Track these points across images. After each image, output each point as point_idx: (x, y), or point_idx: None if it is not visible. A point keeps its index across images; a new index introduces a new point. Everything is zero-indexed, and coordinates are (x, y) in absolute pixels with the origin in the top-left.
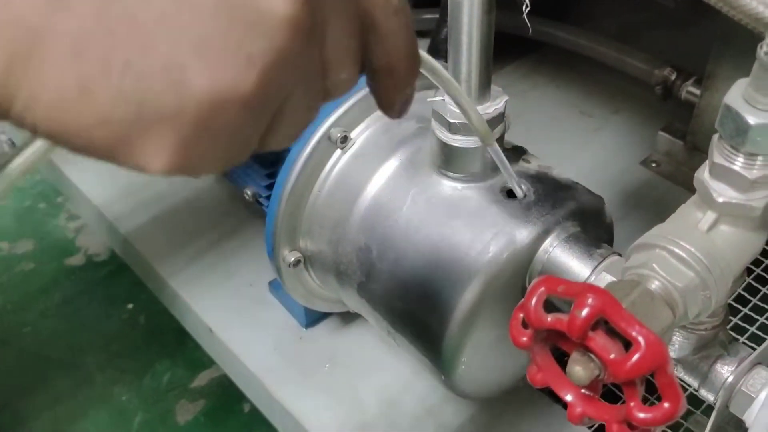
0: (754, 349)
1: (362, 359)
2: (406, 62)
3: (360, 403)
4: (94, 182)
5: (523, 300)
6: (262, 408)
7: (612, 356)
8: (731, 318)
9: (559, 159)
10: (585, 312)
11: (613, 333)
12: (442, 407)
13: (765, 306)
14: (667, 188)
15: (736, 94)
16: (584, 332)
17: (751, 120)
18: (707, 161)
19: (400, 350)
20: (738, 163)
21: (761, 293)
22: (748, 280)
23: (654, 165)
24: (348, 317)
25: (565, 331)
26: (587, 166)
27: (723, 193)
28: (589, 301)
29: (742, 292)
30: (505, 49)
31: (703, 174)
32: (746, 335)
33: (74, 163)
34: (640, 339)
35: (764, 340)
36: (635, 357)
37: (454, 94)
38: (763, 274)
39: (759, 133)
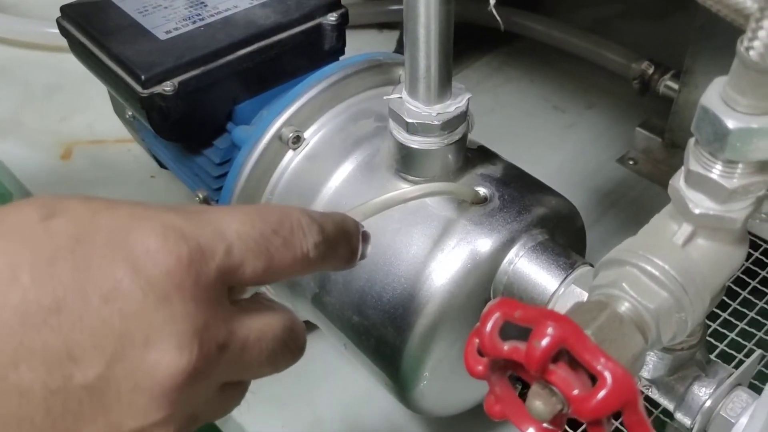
0: (733, 358)
1: (321, 371)
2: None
3: (318, 417)
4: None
5: (477, 325)
6: (218, 423)
7: (575, 392)
8: (710, 323)
9: (532, 156)
10: (544, 343)
11: (577, 364)
12: (405, 422)
13: (743, 311)
14: (644, 187)
15: (714, 95)
16: (543, 365)
17: (731, 124)
18: (682, 168)
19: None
20: (716, 171)
21: (731, 308)
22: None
23: (631, 162)
24: (307, 326)
25: (522, 362)
26: (561, 163)
27: (700, 203)
28: (549, 330)
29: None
30: (478, 42)
31: (679, 182)
32: (726, 341)
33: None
34: (607, 374)
35: (743, 346)
36: (601, 394)
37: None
38: (741, 275)
39: (739, 139)
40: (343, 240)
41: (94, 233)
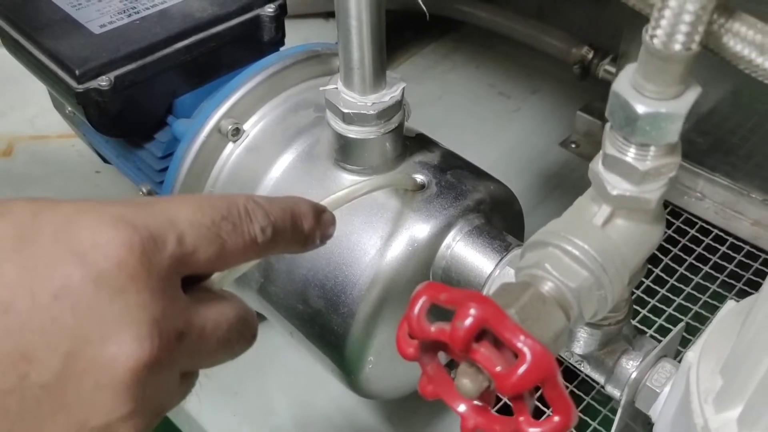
0: (670, 332)
1: (271, 358)
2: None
3: (269, 404)
4: None
5: (407, 309)
6: (168, 414)
7: (498, 369)
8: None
9: (478, 141)
10: (467, 323)
11: (502, 343)
12: (356, 407)
13: (680, 286)
14: (586, 169)
15: (625, 81)
16: (467, 344)
17: (640, 109)
18: (600, 151)
19: None
20: (630, 154)
21: (669, 284)
22: (657, 272)
23: (573, 146)
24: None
25: (447, 342)
26: (506, 147)
27: (617, 185)
28: (471, 311)
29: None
30: (425, 29)
31: (597, 165)
32: (664, 316)
33: None
34: (526, 350)
35: (680, 320)
36: (520, 370)
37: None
38: (678, 252)
39: (648, 123)
40: (291, 223)
41: (39, 231)
